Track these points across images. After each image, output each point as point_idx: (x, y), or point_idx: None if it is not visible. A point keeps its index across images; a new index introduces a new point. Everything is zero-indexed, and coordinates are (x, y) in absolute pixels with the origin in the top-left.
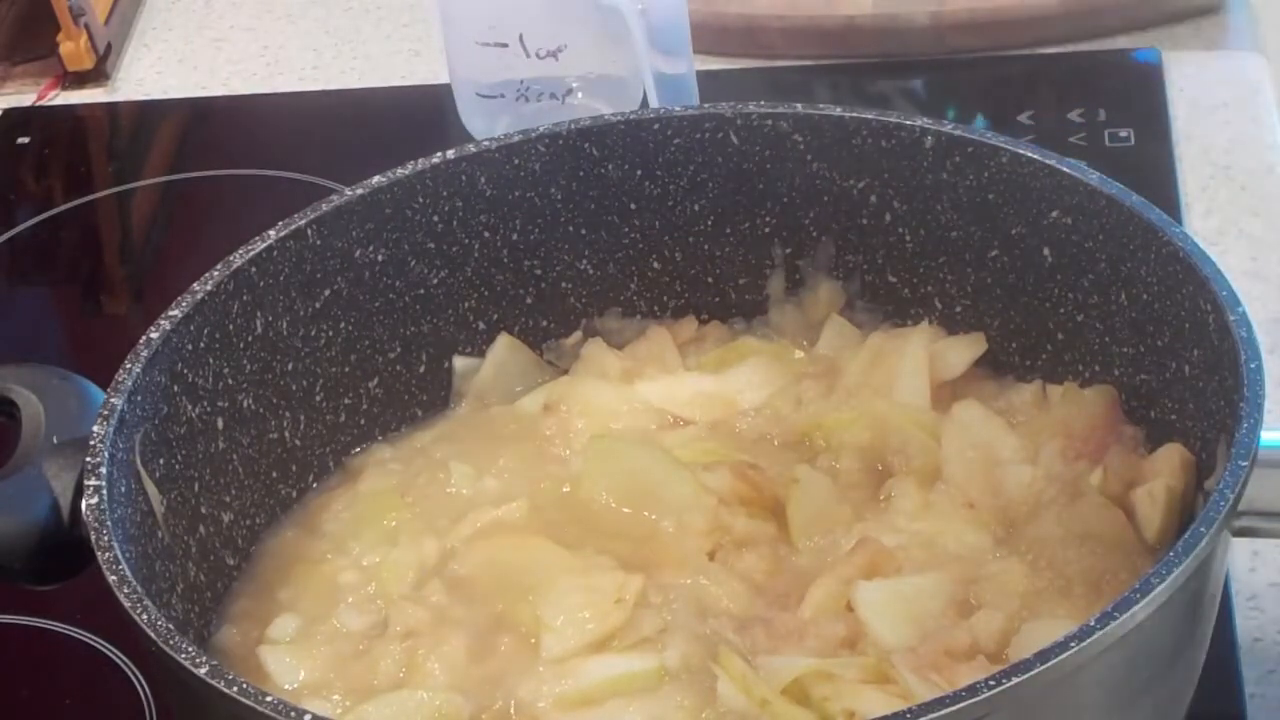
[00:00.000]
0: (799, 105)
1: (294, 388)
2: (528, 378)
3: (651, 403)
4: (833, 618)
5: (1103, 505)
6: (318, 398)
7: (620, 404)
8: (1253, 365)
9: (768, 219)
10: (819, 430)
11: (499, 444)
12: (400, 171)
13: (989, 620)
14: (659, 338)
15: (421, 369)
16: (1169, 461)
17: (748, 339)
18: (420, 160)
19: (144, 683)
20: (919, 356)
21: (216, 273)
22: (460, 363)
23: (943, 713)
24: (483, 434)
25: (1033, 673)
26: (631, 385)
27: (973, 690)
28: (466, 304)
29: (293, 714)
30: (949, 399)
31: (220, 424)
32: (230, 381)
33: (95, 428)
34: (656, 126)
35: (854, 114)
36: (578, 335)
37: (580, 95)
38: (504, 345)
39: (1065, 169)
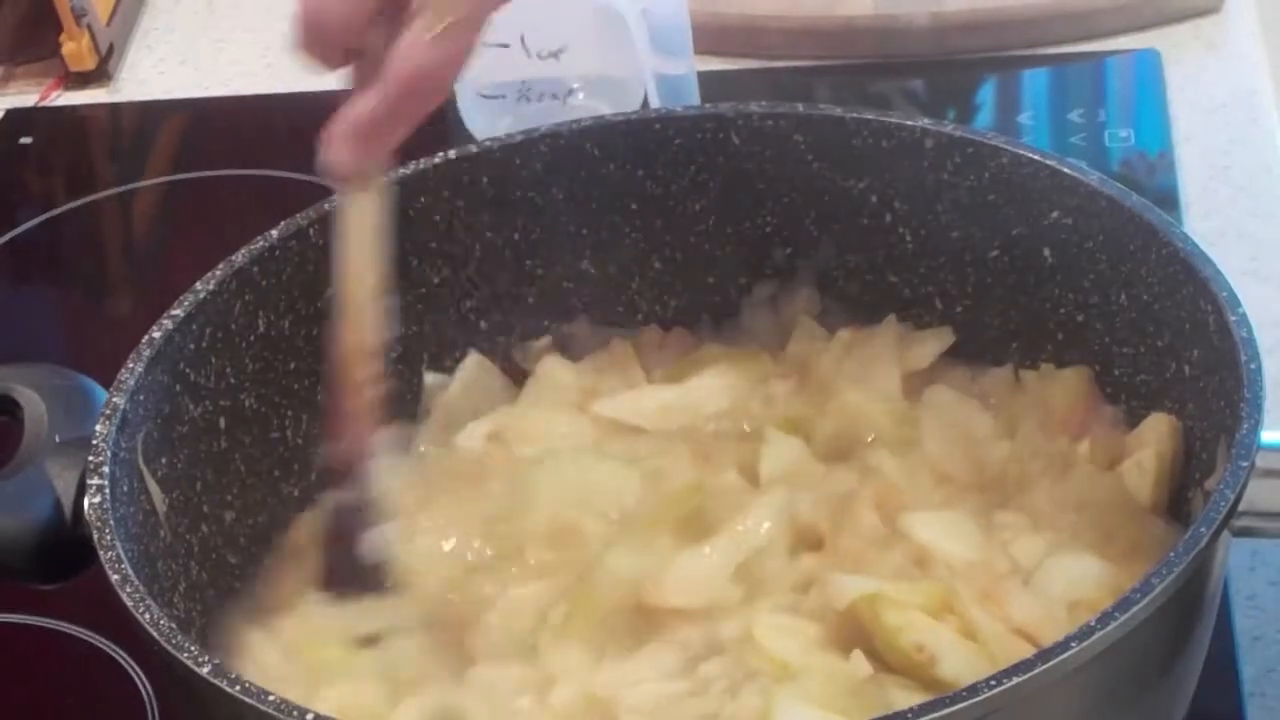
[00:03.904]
0: (799, 105)
1: (296, 387)
2: (497, 397)
3: (610, 420)
4: (898, 540)
5: (1096, 472)
6: (319, 397)
7: (573, 429)
8: (1253, 366)
9: (768, 219)
10: (789, 423)
11: (431, 493)
12: (402, 171)
13: (1032, 544)
14: (620, 349)
15: (423, 368)
16: (1156, 430)
17: (712, 346)
18: (422, 160)
19: (146, 682)
20: (888, 348)
21: (219, 272)
22: (431, 378)
23: (943, 713)
24: (414, 483)
25: (1033, 673)
26: (587, 410)
27: (973, 690)
28: (468, 303)
29: (295, 713)
30: (920, 389)
31: (222, 423)
32: (232, 381)
33: (98, 427)
34: (658, 127)
35: (854, 114)
36: (546, 340)
37: (581, 95)
38: (473, 364)
39: (1065, 169)
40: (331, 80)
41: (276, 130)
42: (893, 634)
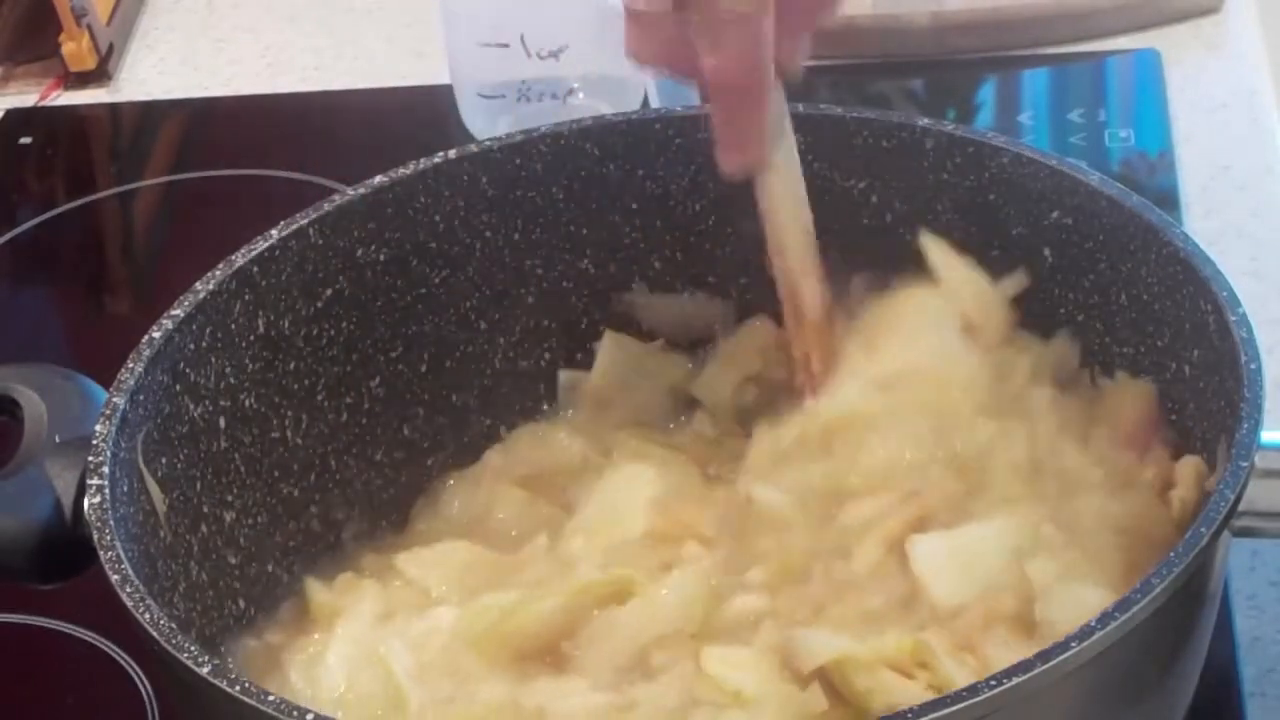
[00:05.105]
0: (799, 105)
1: (295, 387)
2: (646, 372)
3: None
4: (888, 573)
5: (1148, 500)
6: (319, 397)
7: None
8: (1253, 366)
9: None
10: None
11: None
12: (402, 171)
13: (1045, 567)
14: None
15: (423, 368)
16: (1186, 475)
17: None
18: (422, 160)
19: (146, 682)
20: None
21: (218, 272)
22: (565, 376)
23: (943, 713)
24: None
25: (1033, 672)
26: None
27: (973, 690)
28: (468, 303)
29: (295, 713)
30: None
31: (222, 423)
32: (232, 381)
33: (98, 427)
34: (658, 126)
35: (854, 114)
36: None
37: (581, 95)
38: (611, 345)
39: (1065, 169)
40: (332, 81)
41: (276, 130)
42: (864, 697)
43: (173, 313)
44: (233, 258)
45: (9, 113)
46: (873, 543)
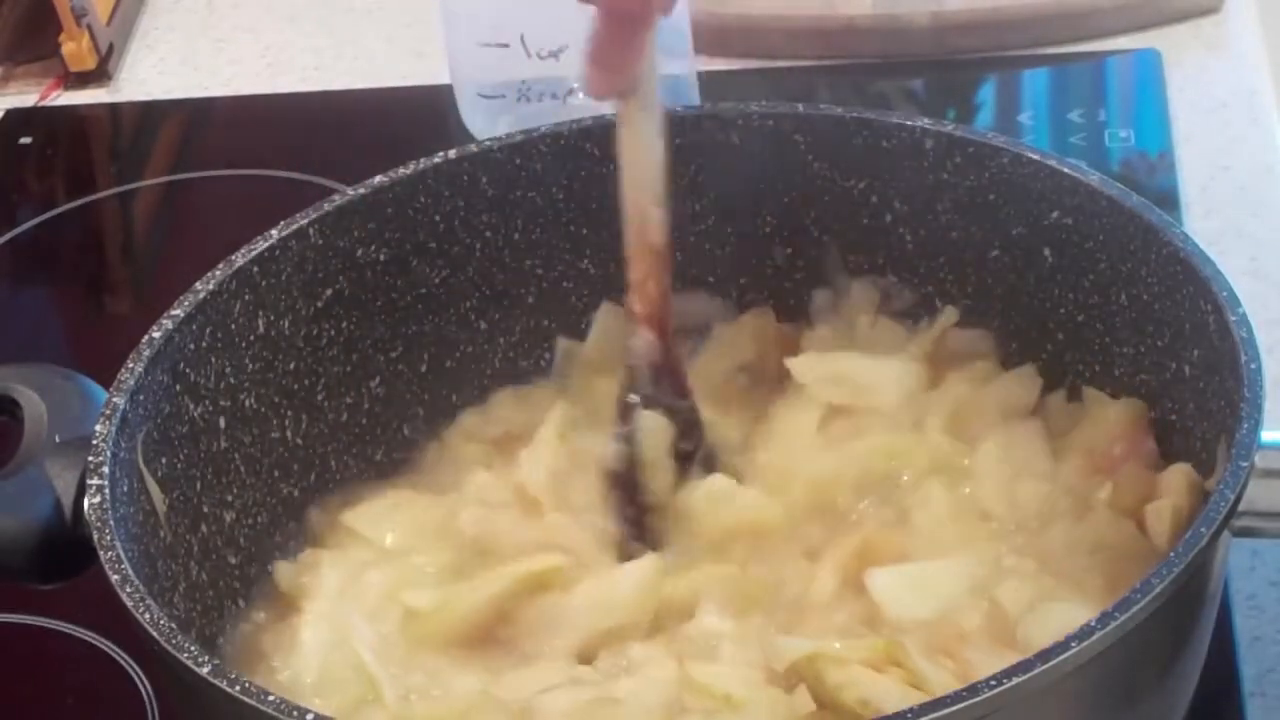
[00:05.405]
0: (799, 105)
1: (295, 387)
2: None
3: None
4: (850, 599)
5: (1112, 518)
6: (319, 397)
7: None
8: (1253, 366)
9: (768, 219)
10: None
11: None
12: (402, 171)
13: (1017, 590)
14: None
15: (423, 368)
16: (1176, 483)
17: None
18: (422, 160)
19: (146, 682)
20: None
21: (219, 272)
22: (563, 344)
23: (943, 713)
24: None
25: (1033, 673)
26: None
27: (973, 690)
28: (468, 303)
29: (294, 713)
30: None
31: (222, 423)
32: (232, 381)
33: (98, 427)
34: None
35: (854, 114)
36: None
37: (581, 95)
38: (607, 315)
39: (1065, 169)
40: (332, 81)
41: (276, 130)
42: (835, 692)
43: (173, 313)
44: (233, 258)
45: (9, 113)
46: (827, 572)
